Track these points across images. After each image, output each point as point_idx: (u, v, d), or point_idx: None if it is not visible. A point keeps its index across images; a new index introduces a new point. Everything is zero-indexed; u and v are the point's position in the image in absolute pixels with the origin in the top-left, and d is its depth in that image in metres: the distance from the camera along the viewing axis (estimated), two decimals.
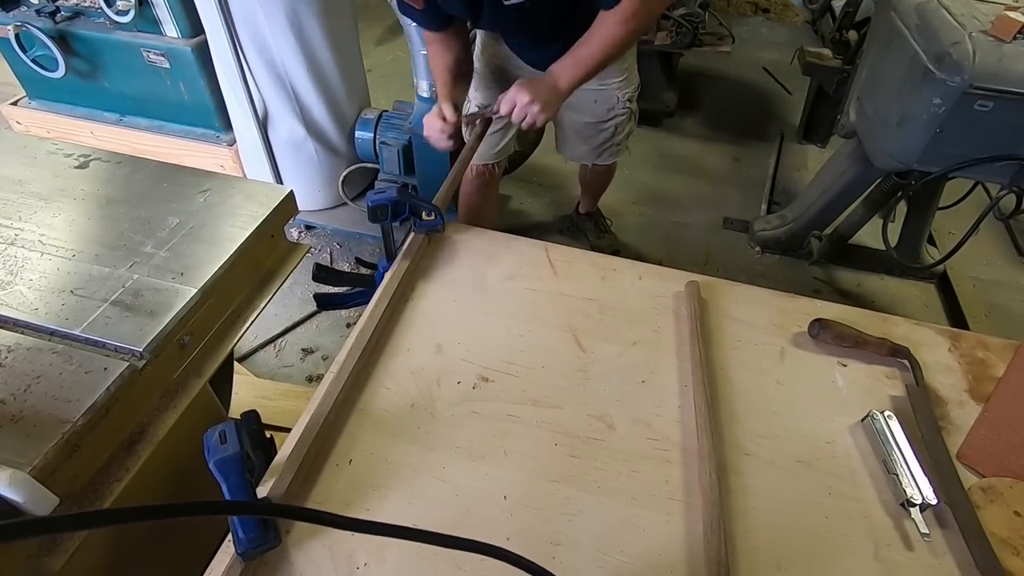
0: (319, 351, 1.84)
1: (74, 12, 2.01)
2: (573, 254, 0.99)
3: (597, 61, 1.09)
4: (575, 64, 1.09)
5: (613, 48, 1.08)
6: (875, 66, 1.76)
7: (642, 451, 0.72)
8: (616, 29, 1.06)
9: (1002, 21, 1.35)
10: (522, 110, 1.05)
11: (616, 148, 1.65)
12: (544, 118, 1.06)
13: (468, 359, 0.81)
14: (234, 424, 0.60)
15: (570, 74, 1.09)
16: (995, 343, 0.88)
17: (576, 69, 1.09)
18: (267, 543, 0.58)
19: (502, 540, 0.62)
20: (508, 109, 1.07)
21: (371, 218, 0.91)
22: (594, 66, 1.09)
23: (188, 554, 0.73)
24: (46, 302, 0.78)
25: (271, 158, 2.01)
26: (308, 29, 1.75)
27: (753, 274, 2.19)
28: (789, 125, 2.96)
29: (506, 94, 1.08)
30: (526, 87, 1.05)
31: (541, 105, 1.05)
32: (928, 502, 0.65)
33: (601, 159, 1.68)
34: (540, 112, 1.05)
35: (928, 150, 1.48)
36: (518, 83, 1.07)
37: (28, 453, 0.61)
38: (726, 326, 0.88)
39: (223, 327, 0.89)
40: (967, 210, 1.89)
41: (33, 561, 0.62)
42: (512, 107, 1.06)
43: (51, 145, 1.07)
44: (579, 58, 1.09)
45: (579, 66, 1.09)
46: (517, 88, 1.06)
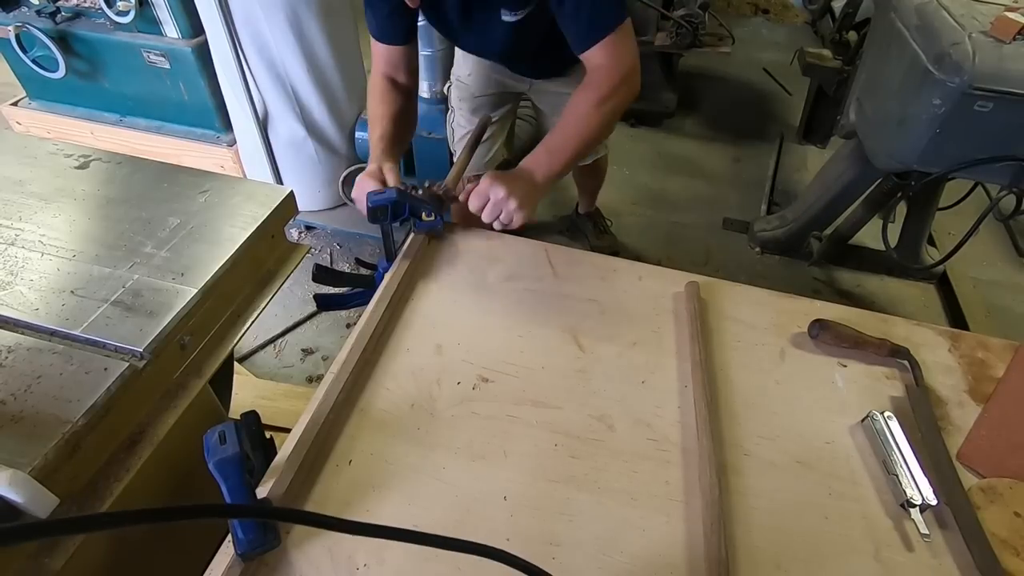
0: (319, 351, 1.84)
1: (74, 13, 2.01)
2: (573, 254, 0.99)
3: (574, 149, 0.96)
4: (549, 154, 0.95)
5: (590, 134, 0.96)
6: (875, 67, 1.76)
7: (642, 452, 0.72)
8: (591, 114, 0.95)
9: (1002, 22, 1.35)
10: (496, 207, 0.88)
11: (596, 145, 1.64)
12: (522, 217, 0.90)
13: (468, 359, 0.81)
14: (234, 425, 0.60)
15: (546, 166, 0.94)
16: (995, 343, 0.88)
17: (551, 159, 0.95)
18: (267, 544, 0.58)
19: (502, 541, 0.62)
20: (479, 204, 0.89)
21: (371, 219, 0.91)
22: (571, 155, 0.96)
23: (188, 554, 0.73)
24: (46, 302, 0.78)
25: (271, 158, 2.01)
26: (308, 29, 1.75)
27: (753, 275, 2.19)
28: (789, 126, 2.96)
29: (475, 187, 0.90)
30: (500, 181, 0.88)
31: (518, 201, 0.88)
32: (928, 503, 0.65)
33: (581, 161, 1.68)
34: (517, 209, 0.88)
35: (928, 150, 1.48)
36: (489, 175, 0.90)
37: (28, 453, 0.61)
38: (726, 327, 0.88)
39: (223, 327, 0.89)
40: (967, 210, 1.89)
41: (33, 562, 0.62)
42: (484, 202, 0.89)
43: (51, 145, 1.07)
44: (553, 147, 0.96)
45: (554, 156, 0.95)
46: (490, 181, 0.89)
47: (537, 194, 0.93)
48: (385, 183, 0.95)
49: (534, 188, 0.92)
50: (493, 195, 0.88)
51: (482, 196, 0.89)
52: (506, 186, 0.88)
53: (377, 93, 1.10)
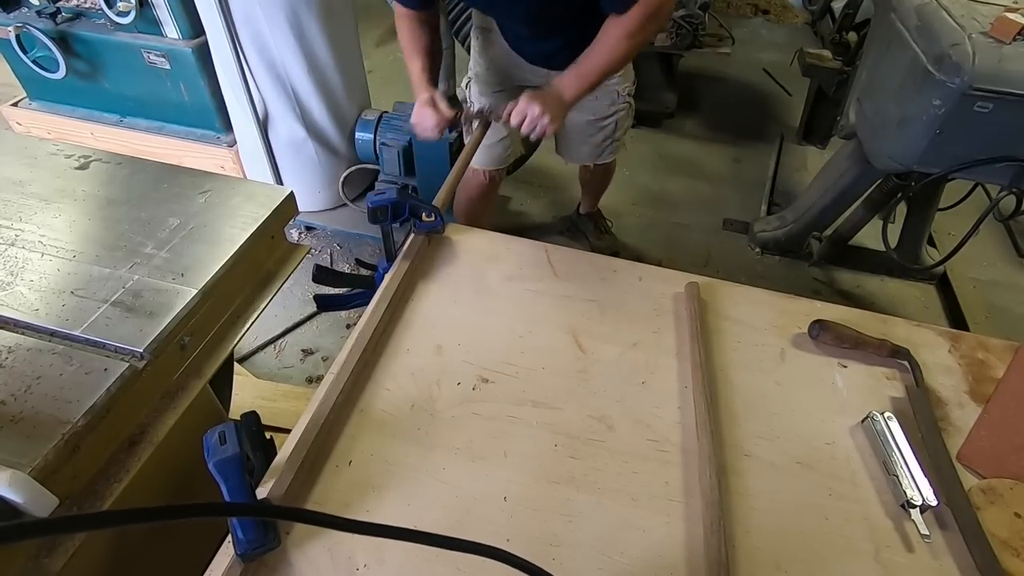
0: (319, 352, 1.84)
1: (75, 13, 2.01)
2: (573, 255, 0.99)
3: (600, 74, 1.11)
4: (579, 77, 1.10)
5: (616, 62, 1.10)
6: (875, 67, 1.76)
7: (642, 452, 0.72)
8: (620, 43, 1.08)
9: (1002, 22, 1.35)
10: (533, 121, 1.06)
11: (615, 144, 1.67)
12: (553, 129, 1.08)
13: (468, 360, 0.81)
14: (234, 425, 0.60)
15: (575, 86, 1.10)
16: (995, 344, 0.88)
17: (580, 81, 1.10)
18: (267, 544, 0.58)
19: (502, 541, 0.62)
20: (519, 120, 1.07)
21: (371, 219, 0.91)
22: (597, 79, 1.12)
23: (188, 555, 0.73)
24: (46, 303, 0.78)
25: (271, 159, 2.01)
26: (308, 30, 1.75)
27: (753, 275, 2.19)
28: (789, 126, 2.96)
29: (515, 105, 1.08)
30: (536, 99, 1.06)
31: (551, 116, 1.06)
32: (928, 503, 0.65)
33: (601, 158, 1.70)
34: (550, 123, 1.06)
35: (928, 151, 1.49)
36: (526, 95, 1.07)
37: (28, 454, 0.61)
38: (726, 327, 0.88)
39: (223, 328, 0.89)
40: (967, 211, 1.89)
41: (33, 562, 0.62)
42: (522, 118, 1.07)
43: (51, 146, 1.07)
44: (583, 71, 1.11)
45: (583, 79, 1.10)
46: (527, 100, 1.06)
47: (564, 109, 1.10)
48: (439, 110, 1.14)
49: (563, 106, 1.10)
50: (530, 112, 1.06)
51: (520, 113, 1.07)
52: (540, 104, 1.05)
53: (406, 31, 1.24)
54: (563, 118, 1.11)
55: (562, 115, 1.10)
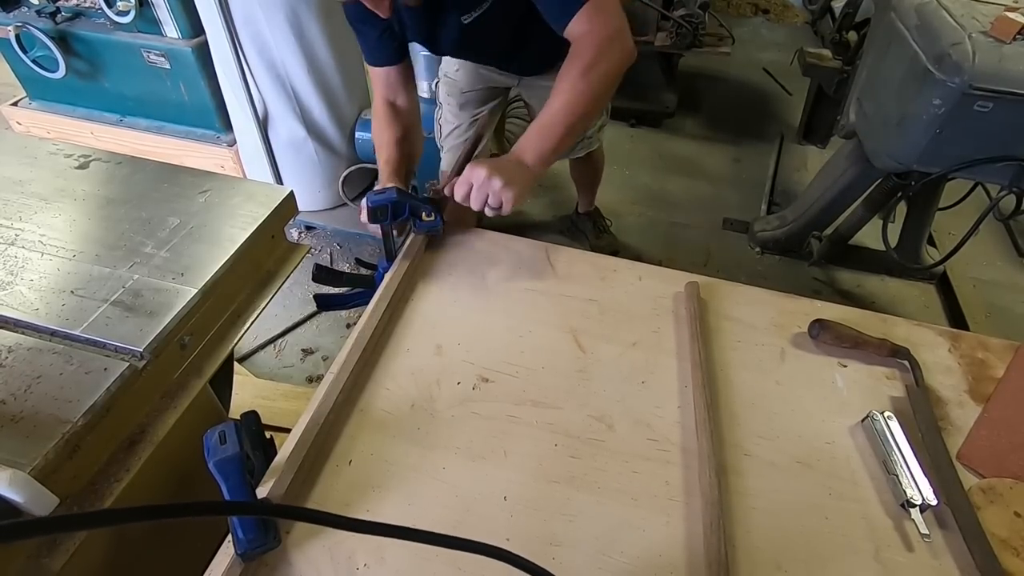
0: (319, 352, 1.84)
1: (74, 13, 2.01)
2: (573, 255, 0.99)
3: (565, 125, 0.91)
4: (539, 134, 0.91)
5: (580, 106, 0.91)
6: (875, 67, 1.76)
7: (642, 452, 0.72)
8: (578, 84, 0.90)
9: (1002, 22, 1.35)
10: (481, 190, 0.85)
11: (587, 142, 1.66)
12: (511, 196, 0.85)
13: (468, 360, 0.81)
14: (234, 425, 0.60)
15: (536, 146, 0.90)
16: (995, 344, 0.88)
17: (541, 140, 0.91)
18: (267, 544, 0.58)
19: (502, 541, 0.62)
20: (464, 191, 0.87)
21: (371, 219, 0.91)
22: (563, 131, 0.91)
23: (188, 554, 0.73)
24: (46, 302, 0.78)
25: (271, 159, 2.01)
26: (308, 30, 1.75)
27: (753, 275, 2.19)
28: (789, 126, 2.96)
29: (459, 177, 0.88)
30: (481, 164, 0.86)
31: (503, 181, 0.84)
32: (928, 503, 0.65)
33: (574, 153, 1.70)
34: (504, 188, 0.84)
35: (928, 151, 1.49)
36: (471, 163, 0.88)
37: (28, 453, 0.61)
38: (726, 327, 0.88)
39: (223, 327, 0.89)
40: (967, 211, 1.89)
41: (33, 561, 0.62)
42: (468, 189, 0.86)
43: (51, 146, 1.07)
44: (543, 126, 0.91)
45: (544, 136, 0.91)
46: (471, 167, 0.86)
47: (527, 174, 0.89)
48: None
49: (522, 168, 0.89)
50: (475, 179, 0.85)
51: (465, 183, 0.87)
52: (487, 168, 0.85)
53: (381, 119, 1.14)
54: (526, 185, 0.88)
55: (521, 181, 0.87)
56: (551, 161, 0.93)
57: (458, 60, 1.46)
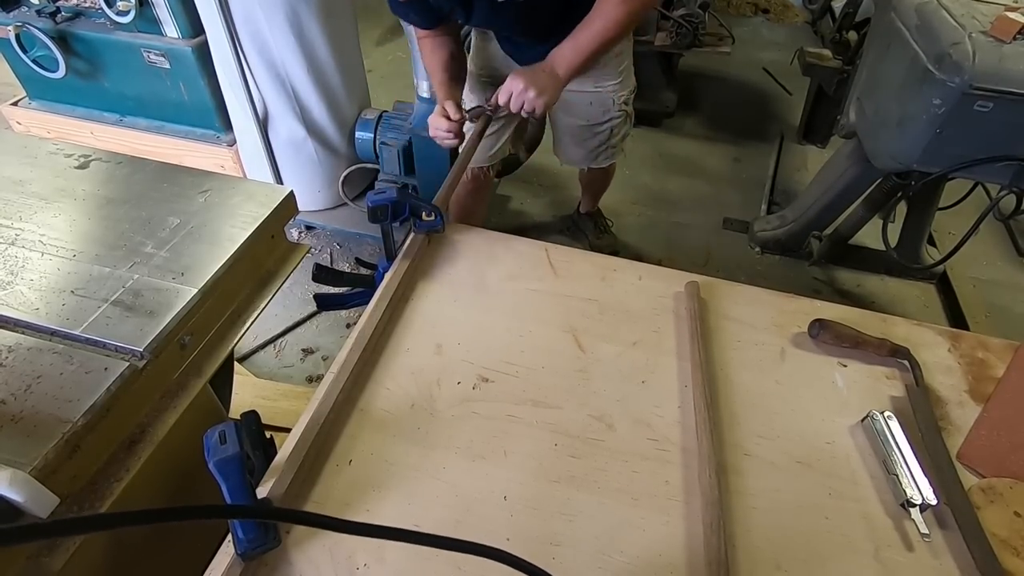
0: (319, 351, 1.84)
1: (74, 12, 2.01)
2: (573, 254, 0.99)
3: (596, 45, 1.07)
4: (573, 49, 1.07)
5: (612, 31, 1.06)
6: (875, 66, 1.76)
7: (642, 451, 0.72)
8: (615, 10, 1.04)
9: (1002, 22, 1.35)
10: (519, 97, 1.04)
11: (612, 151, 1.63)
12: (543, 103, 1.04)
13: (468, 359, 0.81)
14: (234, 424, 0.60)
15: (569, 59, 1.06)
16: (995, 343, 0.88)
17: (575, 54, 1.07)
18: (267, 544, 0.58)
19: (502, 540, 0.62)
20: (505, 99, 1.06)
21: (371, 218, 0.91)
22: (593, 50, 1.07)
23: (188, 554, 0.73)
24: (47, 302, 0.78)
25: (271, 158, 2.01)
26: (308, 29, 1.75)
27: (753, 274, 2.19)
28: (789, 125, 2.96)
29: (502, 86, 1.07)
30: (521, 75, 1.04)
31: (537, 91, 1.03)
32: (928, 502, 0.65)
33: (596, 162, 1.66)
34: (537, 98, 1.03)
35: (928, 150, 1.48)
36: (514, 73, 1.06)
37: (28, 453, 0.61)
38: (726, 326, 0.88)
39: (223, 327, 0.89)
40: (967, 210, 1.89)
41: (33, 562, 0.62)
42: (509, 96, 1.05)
43: (51, 145, 1.07)
44: (577, 43, 1.06)
45: (577, 51, 1.07)
46: (512, 77, 1.05)
47: (558, 84, 1.06)
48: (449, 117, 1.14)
49: (554, 79, 1.06)
50: (515, 89, 1.04)
51: (507, 91, 1.06)
52: (524, 79, 1.03)
53: (426, 49, 1.27)
54: (555, 93, 1.07)
55: (553, 90, 1.06)
56: (579, 74, 1.10)
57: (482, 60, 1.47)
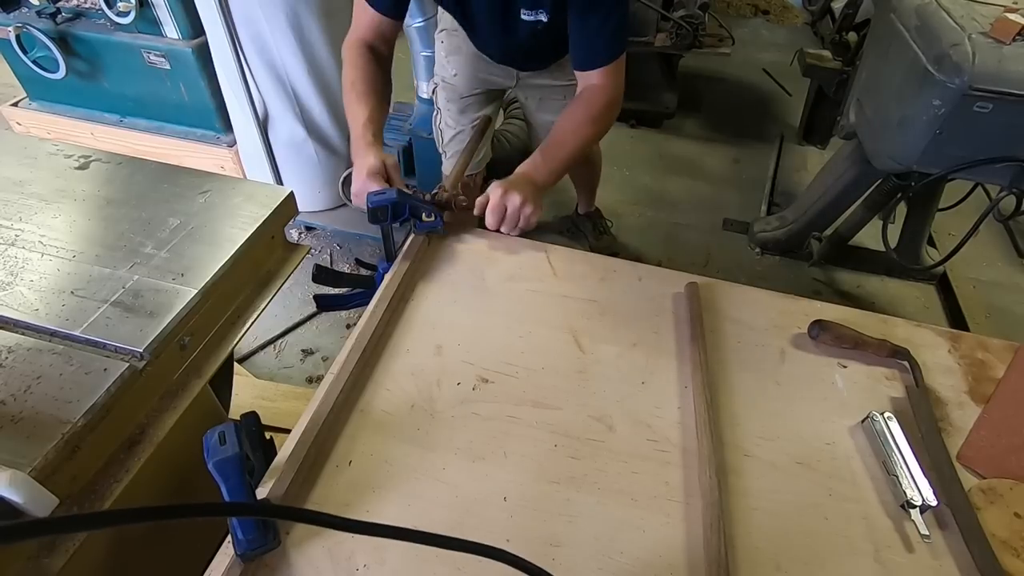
0: (319, 352, 1.84)
1: (75, 13, 2.01)
2: (573, 255, 0.99)
3: (567, 157, 1.06)
4: (546, 162, 1.04)
5: (580, 145, 1.07)
6: (875, 68, 1.76)
7: (642, 452, 0.72)
8: (585, 127, 1.06)
9: (1002, 23, 1.35)
10: (514, 215, 0.95)
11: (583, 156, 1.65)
12: (536, 219, 0.99)
13: (468, 360, 0.81)
14: (234, 425, 0.60)
15: (544, 172, 1.04)
16: (995, 344, 0.88)
17: (548, 166, 1.04)
18: (267, 544, 0.58)
19: (502, 541, 0.62)
20: (497, 219, 0.95)
21: (371, 219, 0.91)
22: (565, 162, 1.06)
23: (188, 555, 0.73)
24: (46, 303, 0.78)
25: (271, 159, 2.01)
26: (308, 30, 1.75)
27: (753, 275, 2.19)
28: (789, 126, 2.96)
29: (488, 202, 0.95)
30: (512, 189, 0.95)
31: (533, 206, 0.96)
32: (928, 503, 0.65)
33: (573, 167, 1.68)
34: (533, 214, 0.97)
35: (928, 151, 1.49)
36: (498, 187, 0.95)
37: (28, 454, 0.61)
38: (726, 327, 0.88)
39: (223, 328, 0.89)
40: (967, 211, 1.89)
41: (33, 562, 0.62)
42: (502, 215, 0.95)
43: (51, 146, 1.07)
44: (548, 155, 1.05)
45: (550, 163, 1.04)
46: (501, 192, 0.94)
47: (541, 195, 1.02)
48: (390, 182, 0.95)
49: (538, 191, 1.01)
50: (510, 205, 0.94)
51: (498, 210, 0.95)
52: (519, 193, 0.95)
53: (359, 64, 1.05)
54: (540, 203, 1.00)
55: (540, 200, 1.00)
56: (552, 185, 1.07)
57: (456, 64, 1.46)
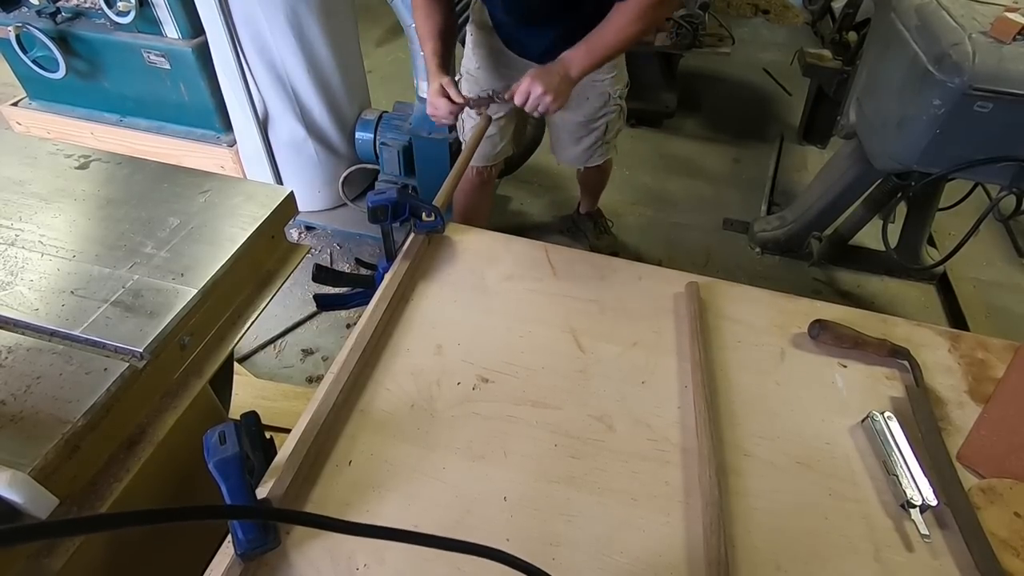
0: (319, 352, 1.84)
1: (75, 13, 2.01)
2: (573, 255, 0.99)
3: (608, 53, 1.14)
4: (588, 54, 1.12)
5: (625, 42, 1.13)
6: (875, 67, 1.76)
7: (642, 452, 0.72)
8: (630, 25, 1.10)
9: (1002, 22, 1.35)
10: (536, 100, 1.10)
11: (606, 147, 1.66)
12: (556, 106, 1.11)
13: (468, 360, 0.81)
14: (234, 425, 0.60)
15: (582, 63, 1.12)
16: (995, 344, 0.88)
17: (588, 58, 1.13)
18: (267, 544, 0.58)
19: (502, 541, 0.62)
20: (523, 100, 1.11)
21: (371, 219, 0.91)
22: (604, 57, 1.14)
23: (188, 555, 0.73)
24: (46, 303, 0.78)
25: (271, 159, 2.01)
26: (308, 30, 1.75)
27: (753, 275, 2.18)
28: (789, 126, 2.96)
29: (519, 84, 1.12)
30: (539, 79, 1.09)
31: (554, 95, 1.09)
32: (928, 503, 0.65)
33: (592, 160, 1.69)
34: (553, 101, 1.10)
35: (928, 151, 1.48)
36: (530, 73, 1.11)
37: (28, 454, 0.61)
38: (726, 327, 0.88)
39: (223, 328, 0.89)
40: (967, 211, 1.89)
41: (33, 562, 0.62)
42: (526, 97, 1.11)
43: (51, 146, 1.07)
44: (591, 48, 1.12)
45: (590, 56, 1.13)
46: (531, 79, 1.10)
47: (570, 85, 1.13)
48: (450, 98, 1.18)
49: (568, 82, 1.13)
50: (533, 91, 1.10)
51: (524, 92, 1.11)
52: (543, 82, 1.09)
53: (422, 9, 1.27)
54: (567, 95, 1.13)
55: (566, 92, 1.13)
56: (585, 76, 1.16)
57: (480, 58, 1.48)
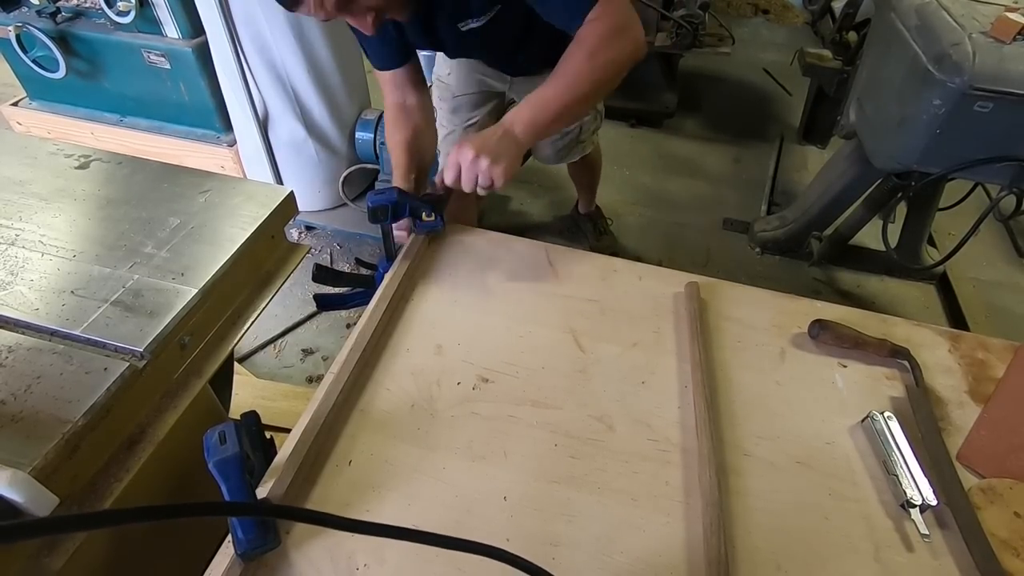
0: (319, 352, 1.84)
1: (75, 13, 2.01)
2: (573, 255, 0.99)
3: (561, 102, 0.89)
4: (532, 108, 0.89)
5: (579, 87, 0.89)
6: (875, 67, 1.76)
7: (642, 452, 0.72)
8: (581, 66, 0.88)
9: (1002, 22, 1.35)
10: (469, 170, 0.84)
11: (581, 146, 1.66)
12: (501, 172, 0.84)
13: (468, 360, 0.81)
14: (234, 425, 0.60)
15: (527, 119, 0.88)
16: (995, 344, 0.88)
17: (535, 113, 0.89)
18: (267, 544, 0.58)
19: (502, 541, 0.62)
20: (454, 176, 0.86)
21: (371, 219, 0.91)
22: (559, 108, 0.89)
23: (188, 554, 0.73)
24: (46, 302, 0.78)
25: (271, 159, 2.01)
26: (308, 30, 1.75)
27: (753, 275, 2.19)
28: (789, 126, 2.96)
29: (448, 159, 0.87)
30: (467, 143, 0.85)
31: (491, 158, 0.83)
32: (928, 503, 0.65)
33: (568, 158, 1.70)
34: (492, 166, 0.83)
35: (928, 151, 1.49)
36: (459, 142, 0.87)
37: (28, 453, 0.61)
38: (726, 327, 0.88)
39: (223, 327, 0.89)
40: (967, 211, 1.89)
41: (33, 561, 0.62)
42: (457, 171, 0.86)
43: (52, 146, 1.07)
44: (538, 101, 0.89)
45: (538, 110, 0.89)
46: (457, 147, 0.86)
47: (514, 147, 0.87)
48: None
49: (508, 140, 0.87)
50: (463, 160, 0.84)
51: (453, 165, 0.86)
52: (473, 146, 0.84)
53: (390, 122, 1.15)
54: (514, 157, 0.87)
55: (510, 153, 0.86)
56: (541, 136, 0.91)
57: (450, 63, 1.45)
